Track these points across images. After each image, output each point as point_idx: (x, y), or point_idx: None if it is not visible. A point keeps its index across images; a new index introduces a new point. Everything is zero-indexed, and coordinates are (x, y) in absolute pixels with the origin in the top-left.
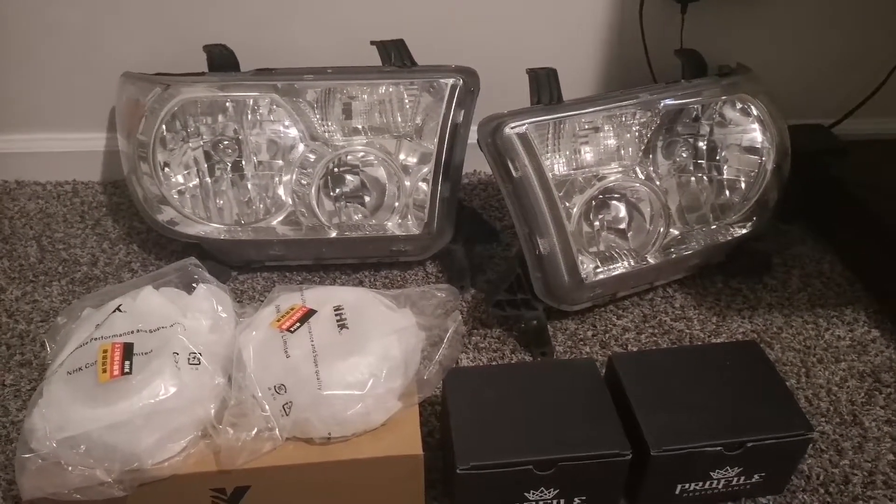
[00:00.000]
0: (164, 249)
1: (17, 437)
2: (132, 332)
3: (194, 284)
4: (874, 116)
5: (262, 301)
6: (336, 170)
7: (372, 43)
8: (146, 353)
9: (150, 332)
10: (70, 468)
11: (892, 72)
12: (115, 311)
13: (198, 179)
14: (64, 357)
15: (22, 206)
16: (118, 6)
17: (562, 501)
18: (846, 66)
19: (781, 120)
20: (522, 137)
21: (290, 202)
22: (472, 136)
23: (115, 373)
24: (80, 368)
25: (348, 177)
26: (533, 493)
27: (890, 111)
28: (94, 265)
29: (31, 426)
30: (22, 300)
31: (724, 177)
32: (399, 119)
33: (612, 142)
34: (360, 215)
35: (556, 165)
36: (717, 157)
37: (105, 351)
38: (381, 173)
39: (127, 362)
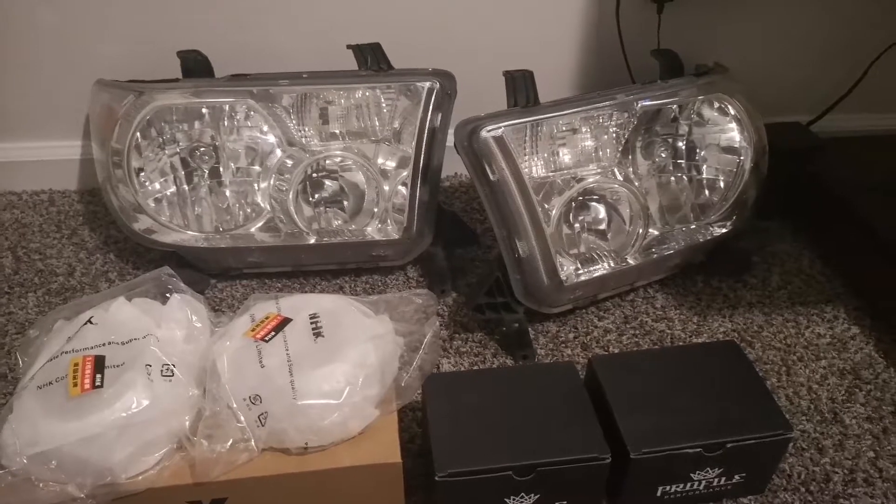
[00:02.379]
0: (141, 258)
1: None
2: (104, 344)
3: (168, 294)
4: (851, 113)
5: (240, 310)
6: (314, 175)
7: (348, 47)
8: (118, 366)
9: (122, 344)
10: (41, 484)
11: (868, 69)
12: (86, 324)
13: (175, 187)
14: (35, 371)
15: None
16: (92, 13)
17: None
18: (822, 64)
19: (759, 118)
20: (499, 140)
21: (269, 208)
22: (451, 140)
23: (87, 386)
24: (50, 382)
25: (327, 182)
26: (513, 499)
27: (867, 108)
28: (71, 275)
29: (0, 442)
30: None
31: (704, 176)
32: (377, 123)
33: (589, 143)
34: (339, 220)
35: (534, 168)
36: (696, 157)
37: (76, 364)
38: (359, 178)
39: (98, 375)
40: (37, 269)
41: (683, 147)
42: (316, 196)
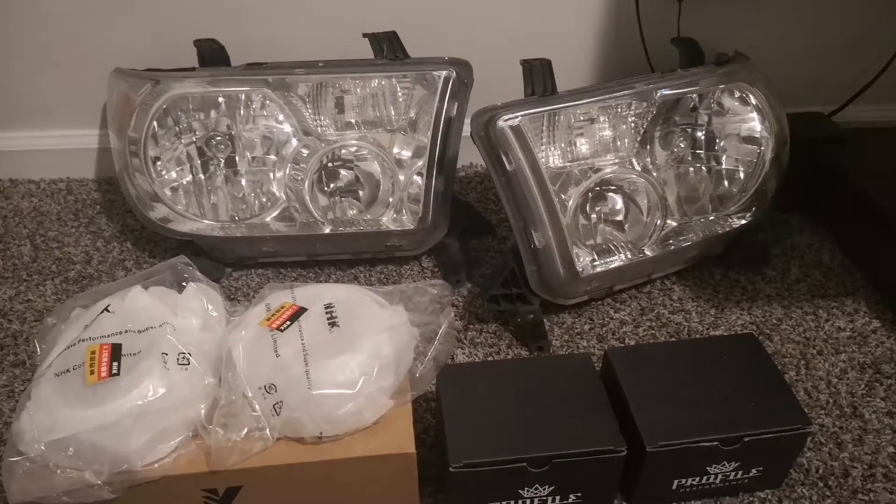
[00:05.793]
0: (158, 247)
1: None
2: (120, 332)
3: (184, 283)
4: (874, 104)
5: (255, 299)
6: (330, 164)
7: (364, 35)
8: (134, 354)
9: (139, 332)
10: (59, 471)
11: (892, 59)
12: (103, 312)
13: (191, 176)
14: (52, 358)
15: (15, 204)
16: (108, 1)
17: (557, 498)
18: (845, 54)
19: (780, 108)
20: (516, 130)
21: (284, 198)
22: (467, 129)
23: (103, 374)
24: (67, 370)
25: (342, 171)
26: (528, 491)
27: (890, 98)
28: (88, 263)
29: (18, 429)
30: (15, 300)
31: (723, 167)
32: (392, 112)
33: (607, 133)
34: (354, 210)
35: (551, 158)
36: (716, 147)
37: (93, 352)
38: (374, 168)
39: (115, 363)
40: (55, 257)
41: (703, 137)
42: (331, 186)
